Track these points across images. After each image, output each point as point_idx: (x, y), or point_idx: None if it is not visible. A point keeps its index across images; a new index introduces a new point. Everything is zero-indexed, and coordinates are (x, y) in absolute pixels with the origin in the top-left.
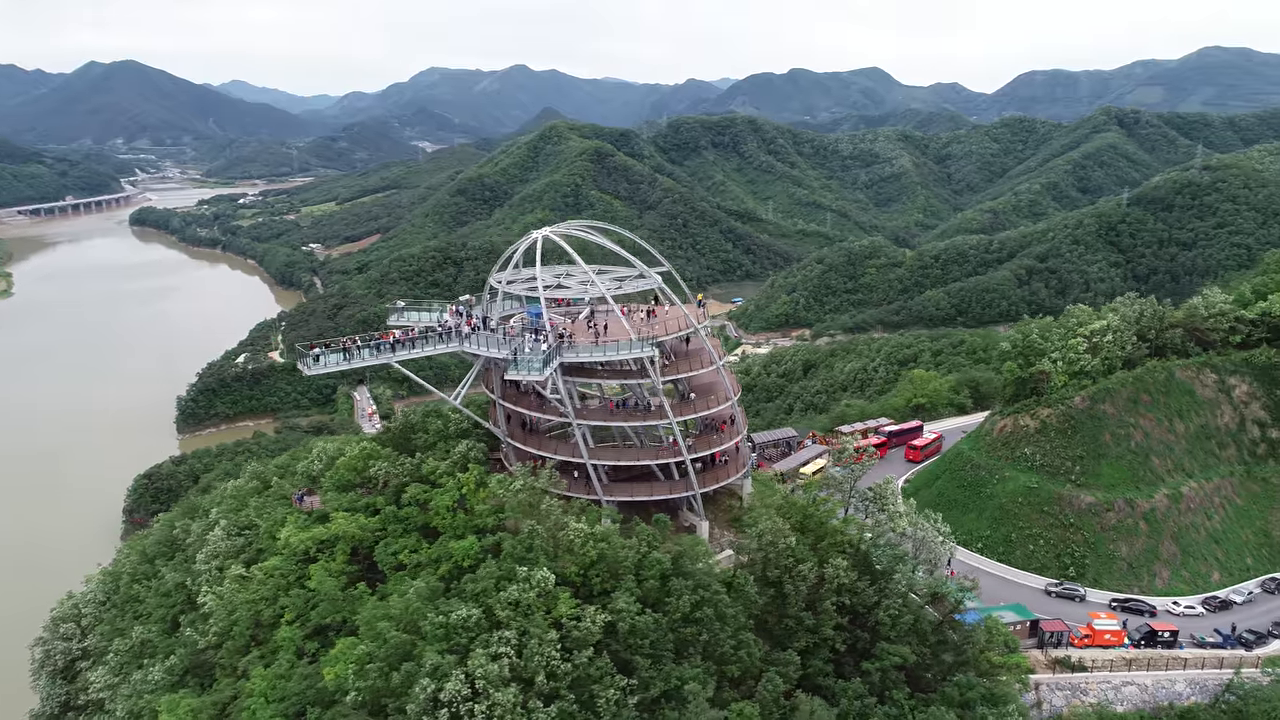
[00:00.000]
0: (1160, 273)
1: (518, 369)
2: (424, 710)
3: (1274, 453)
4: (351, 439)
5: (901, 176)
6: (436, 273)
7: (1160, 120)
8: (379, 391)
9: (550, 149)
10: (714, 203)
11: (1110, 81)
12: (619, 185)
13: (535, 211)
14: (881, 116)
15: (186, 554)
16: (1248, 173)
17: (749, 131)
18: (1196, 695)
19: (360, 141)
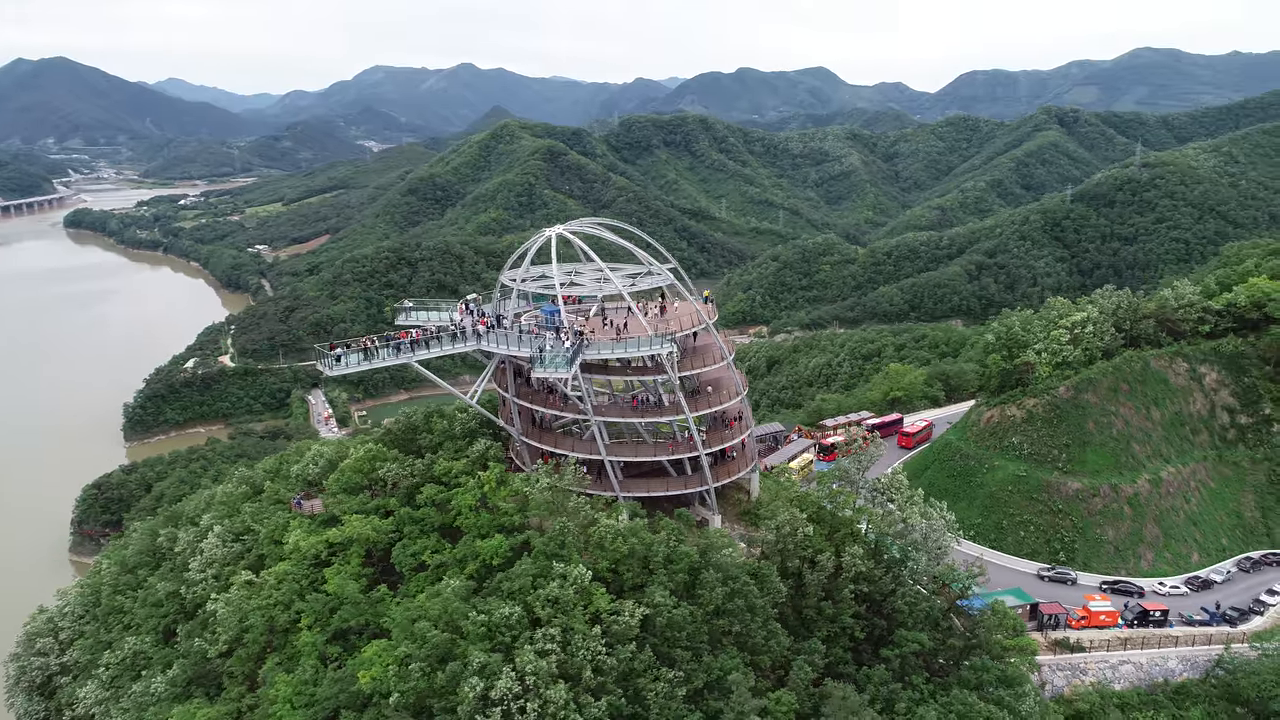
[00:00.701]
0: (1104, 267)
1: (544, 367)
2: (475, 709)
3: (1243, 437)
4: (353, 441)
5: (851, 174)
6: (391, 274)
7: (1098, 119)
8: (334, 395)
9: (502, 148)
10: (668, 201)
11: (1048, 81)
12: (572, 184)
13: (489, 211)
14: (829, 115)
15: (175, 563)
16: (1184, 170)
17: (700, 130)
18: (1188, 671)
19: (305, 141)
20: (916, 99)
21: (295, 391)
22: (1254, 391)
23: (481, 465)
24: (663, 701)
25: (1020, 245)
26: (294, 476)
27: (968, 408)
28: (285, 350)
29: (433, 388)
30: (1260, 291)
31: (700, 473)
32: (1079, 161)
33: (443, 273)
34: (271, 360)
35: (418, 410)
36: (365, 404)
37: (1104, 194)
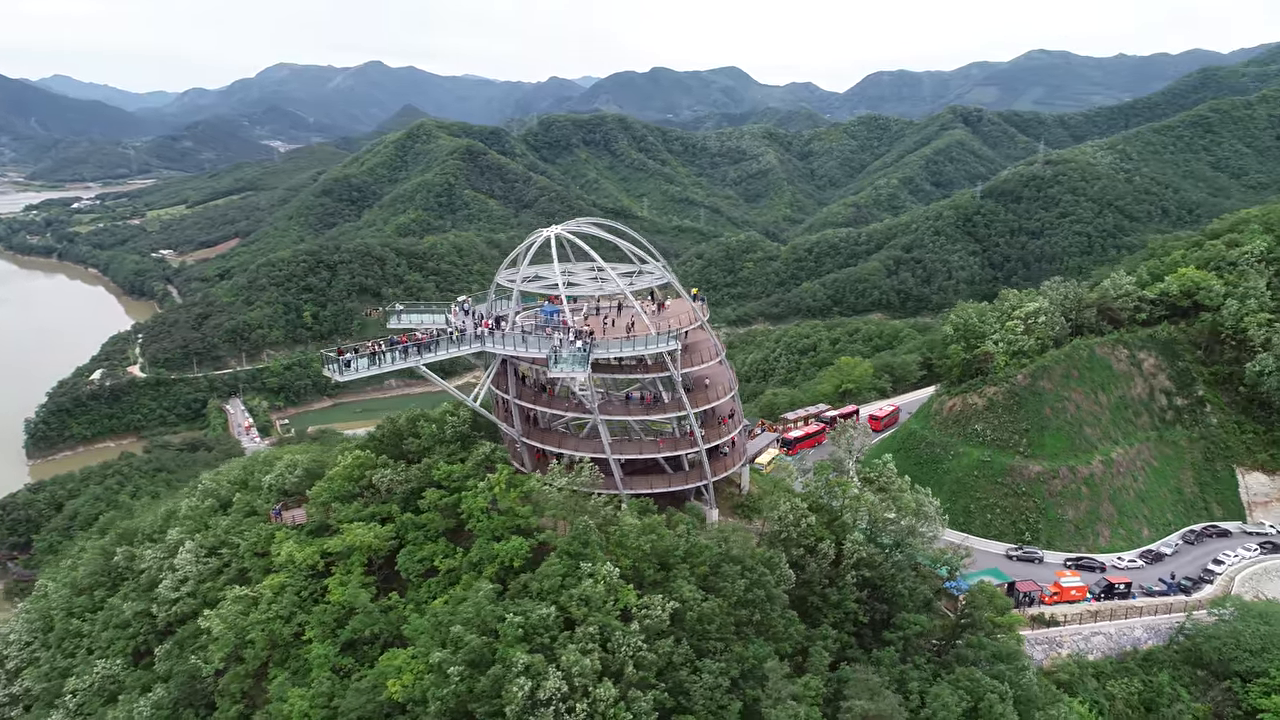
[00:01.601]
0: (1013, 260)
1: (559, 367)
2: (524, 710)
3: (1180, 418)
4: (333, 447)
5: (768, 173)
6: (309, 277)
7: (1000, 118)
8: (254, 403)
9: (419, 148)
10: (590, 201)
11: (950, 82)
12: (493, 184)
13: (408, 212)
14: (743, 115)
15: (139, 582)
16: (1083, 167)
17: (620, 130)
18: (1153, 639)
19: (206, 141)
20: (826, 98)
21: (212, 401)
22: (1188, 375)
23: (488, 468)
24: (707, 693)
25: (935, 240)
26: (267, 487)
27: (926, 395)
28: (199, 359)
29: (355, 394)
30: (1190, 281)
31: (698, 468)
32: (984, 159)
33: (364, 276)
34: (185, 369)
35: (401, 415)
36: (287, 412)
37: (1011, 190)
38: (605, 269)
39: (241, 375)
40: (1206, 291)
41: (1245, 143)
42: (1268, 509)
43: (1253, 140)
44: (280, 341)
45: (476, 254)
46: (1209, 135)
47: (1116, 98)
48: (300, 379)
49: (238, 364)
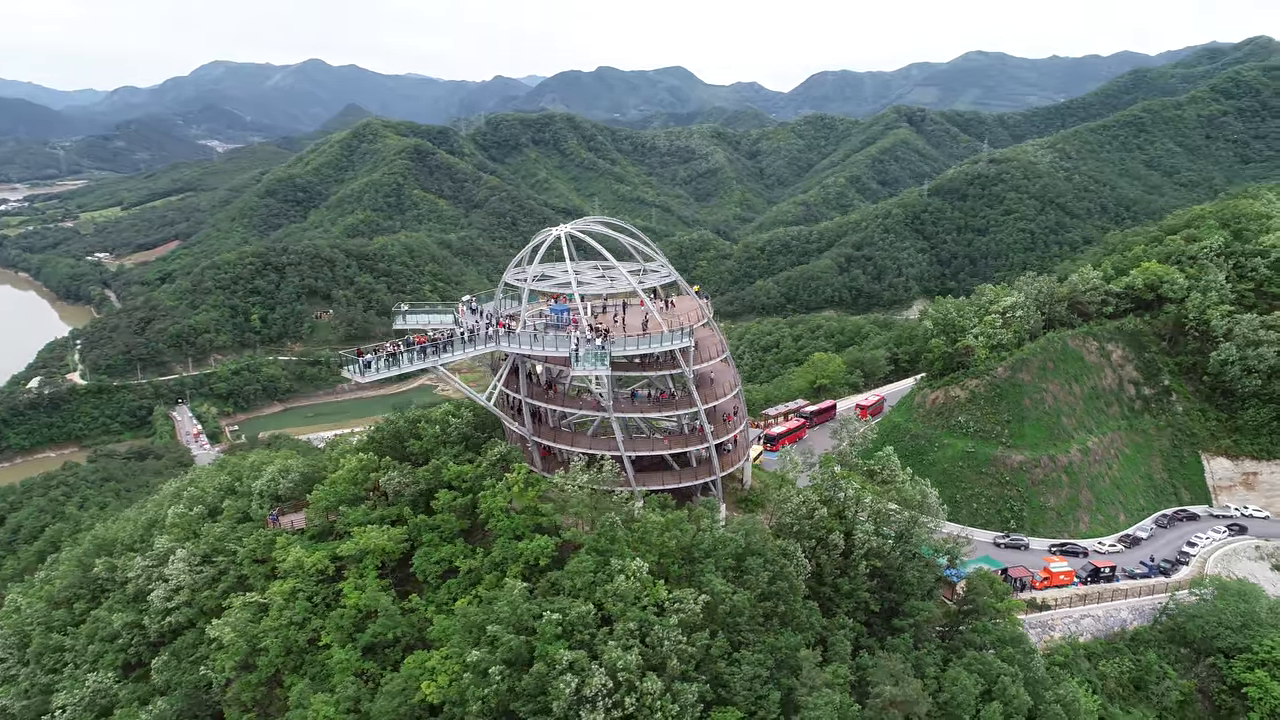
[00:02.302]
0: (960, 257)
1: (582, 365)
2: (570, 707)
3: (1148, 407)
4: (332, 452)
5: (717, 172)
6: (257, 279)
7: (943, 118)
8: (202, 410)
9: (366, 147)
10: (541, 200)
11: (891, 82)
12: (442, 184)
13: (356, 212)
14: (690, 115)
15: (125, 593)
16: (1025, 165)
17: (569, 129)
18: (1138, 620)
19: (140, 141)
20: (772, 98)
21: (158, 408)
22: (1154, 365)
23: (504, 467)
24: (746, 683)
25: (885, 238)
26: (258, 493)
27: (904, 386)
28: (144, 365)
29: (307, 398)
30: (1153, 275)
31: (705, 464)
32: (928, 158)
33: (313, 278)
34: (128, 376)
35: (399, 417)
36: (237, 418)
37: (957, 188)
38: (617, 267)
39: (188, 381)
40: (1170, 285)
41: (1176, 142)
42: (1231, 493)
43: (1183, 139)
44: (228, 346)
45: (428, 255)
46: (1142, 135)
47: (1051, 98)
48: (249, 384)
49: (184, 369)
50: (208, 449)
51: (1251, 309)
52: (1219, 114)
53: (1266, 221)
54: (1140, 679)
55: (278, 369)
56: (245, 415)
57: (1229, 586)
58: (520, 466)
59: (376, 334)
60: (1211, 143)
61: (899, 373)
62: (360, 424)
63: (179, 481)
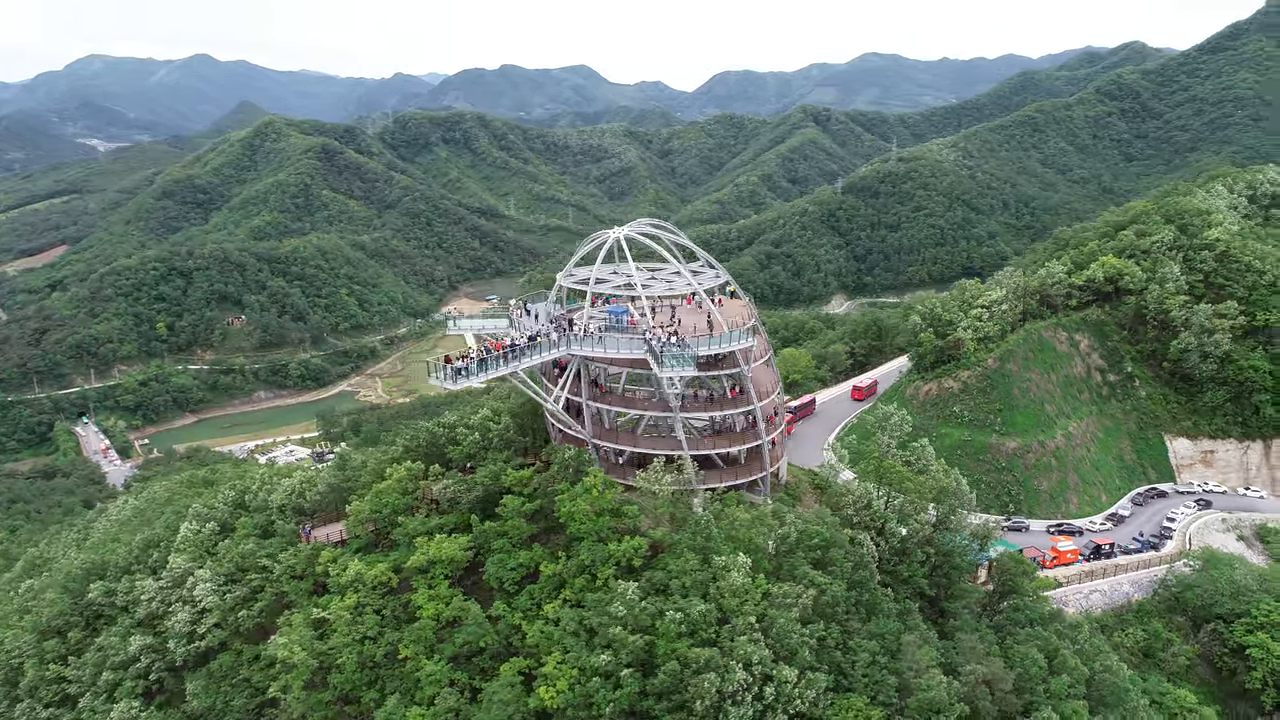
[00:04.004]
0: (875, 252)
1: (669, 367)
2: (714, 704)
3: (1114, 393)
4: (370, 461)
5: (630, 171)
6: (161, 285)
7: (847, 117)
8: (108, 424)
9: (269, 146)
10: (455, 200)
11: (792, 82)
12: (352, 184)
13: (262, 214)
14: (596, 113)
15: (136, 617)
16: (932, 164)
17: (479, 128)
18: (1139, 592)
19: (10, 139)
20: (676, 97)
21: (59, 424)
22: (1117, 353)
23: (577, 470)
24: (865, 670)
25: (803, 235)
26: (277, 508)
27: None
28: (41, 378)
29: (219, 408)
30: (1113, 268)
31: (753, 461)
32: (835, 157)
33: (223, 282)
34: (24, 390)
35: (436, 424)
36: (146, 431)
37: (869, 186)
38: (683, 269)
39: (91, 394)
40: (1130, 277)
41: (1068, 141)
42: (1192, 470)
43: (1073, 139)
44: (133, 356)
45: (342, 257)
46: (1037, 134)
47: (944, 98)
48: (159, 395)
49: (85, 382)
50: (118, 465)
51: (1201, 299)
52: (1104, 114)
53: (1207, 217)
54: (1148, 647)
55: (188, 379)
56: (155, 428)
57: (1219, 556)
58: (596, 470)
59: (293, 339)
60: (1099, 142)
61: (857, 367)
62: (284, 433)
63: (136, 499)
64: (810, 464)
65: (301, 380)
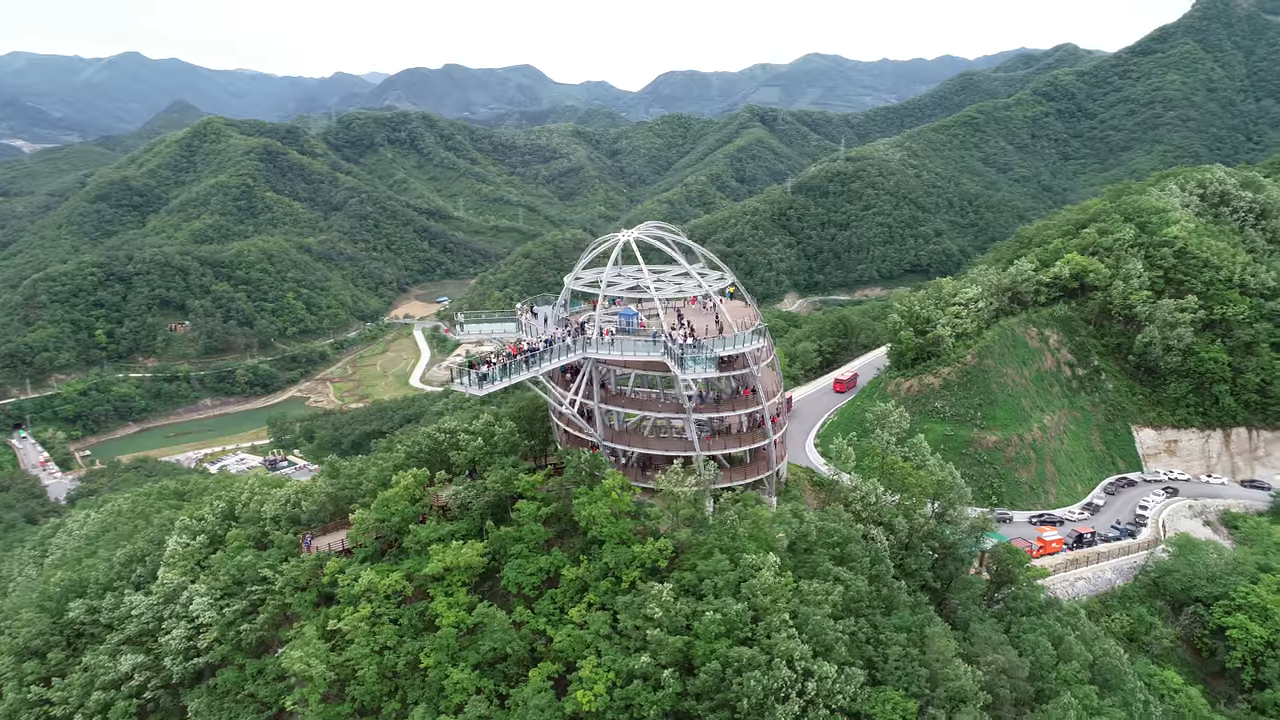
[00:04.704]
0: (825, 251)
1: (691, 368)
2: (758, 701)
3: (1083, 386)
4: (372, 467)
5: (580, 170)
6: (100, 291)
7: (793, 117)
8: (46, 435)
9: (208, 148)
10: (403, 201)
11: (737, 82)
12: (296, 186)
13: (202, 217)
14: (542, 113)
15: (125, 634)
16: (879, 163)
17: (425, 128)
18: (1121, 579)
19: None
20: (622, 97)
21: None
22: (1084, 348)
23: (591, 473)
24: (897, 663)
25: (754, 234)
26: (270, 518)
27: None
28: None
29: (164, 417)
30: (1078, 265)
31: (759, 461)
32: (782, 156)
33: (164, 288)
34: None
35: (436, 429)
36: (87, 442)
37: (819, 185)
38: (692, 271)
39: (27, 405)
40: (1095, 274)
41: (1007, 140)
42: (1157, 459)
43: (1013, 138)
44: (71, 365)
45: (289, 260)
46: (978, 134)
47: (884, 99)
48: (99, 405)
49: (21, 392)
50: (59, 478)
51: (1161, 294)
52: (1042, 115)
53: (1165, 215)
54: (1132, 631)
55: (131, 387)
56: (97, 439)
57: (1194, 542)
58: (614, 473)
59: (239, 345)
60: (1037, 141)
61: (826, 365)
62: (233, 441)
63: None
64: (795, 461)
65: (249, 387)
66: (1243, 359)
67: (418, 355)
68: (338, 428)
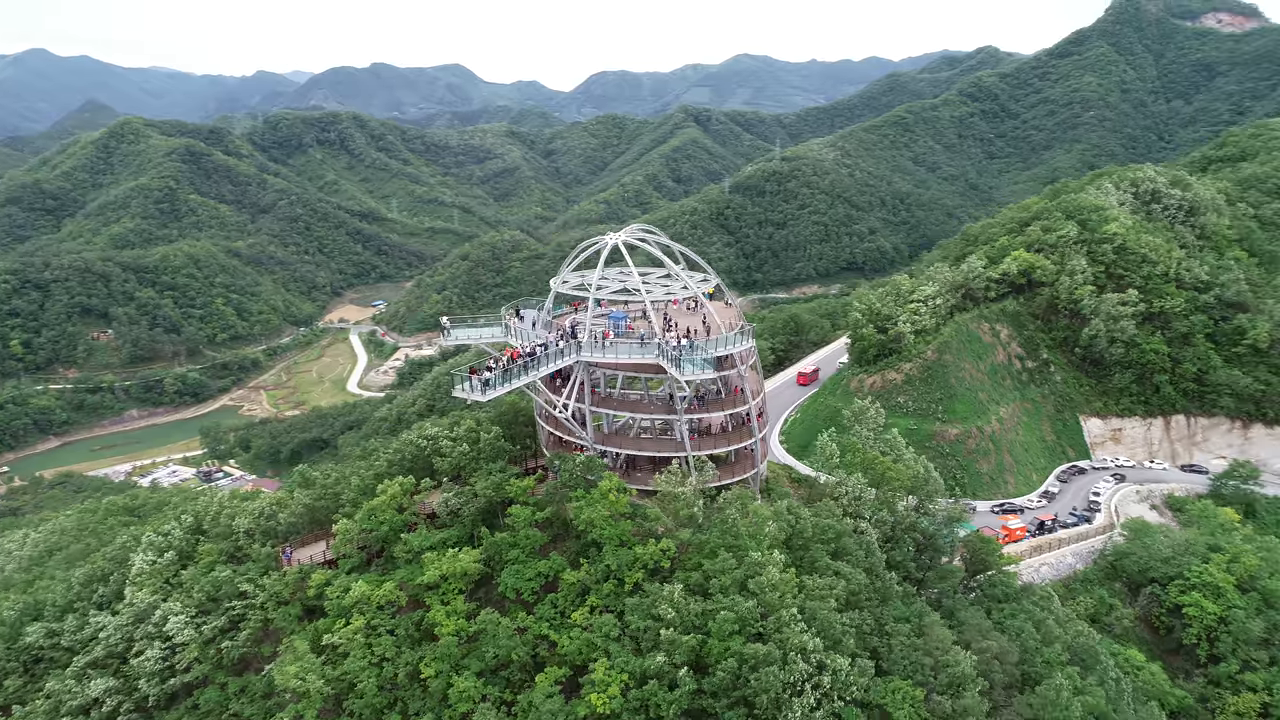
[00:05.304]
0: (764, 250)
1: (688, 369)
2: (779, 695)
3: (1033, 379)
4: (336, 478)
5: (515, 171)
6: (14, 300)
7: (727, 118)
8: None
9: (126, 149)
10: (334, 204)
11: (668, 82)
12: (222, 188)
13: (123, 221)
14: (474, 113)
15: (92, 656)
16: (813, 162)
17: (355, 128)
18: (1081, 563)
19: None
20: (554, 97)
21: None
22: (1033, 341)
23: (585, 477)
24: (903, 653)
25: (694, 234)
26: (244, 531)
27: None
28: None
29: (87, 430)
30: (1026, 262)
31: (744, 460)
32: (717, 156)
33: (85, 295)
34: None
35: (418, 435)
36: (5, 457)
37: (755, 185)
38: (680, 274)
39: None
40: (1042, 271)
41: (936, 140)
42: (1104, 447)
43: (940, 138)
44: None
45: (217, 265)
46: (907, 134)
47: (813, 99)
48: (16, 419)
49: None
50: None
51: (1103, 289)
52: (967, 115)
53: (1103, 212)
54: (1094, 613)
55: (51, 399)
56: (15, 454)
57: (1148, 527)
58: (611, 475)
59: (166, 353)
60: (964, 140)
61: (779, 363)
62: (163, 452)
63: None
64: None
65: (178, 396)
66: (1180, 349)
67: (355, 360)
68: (275, 436)
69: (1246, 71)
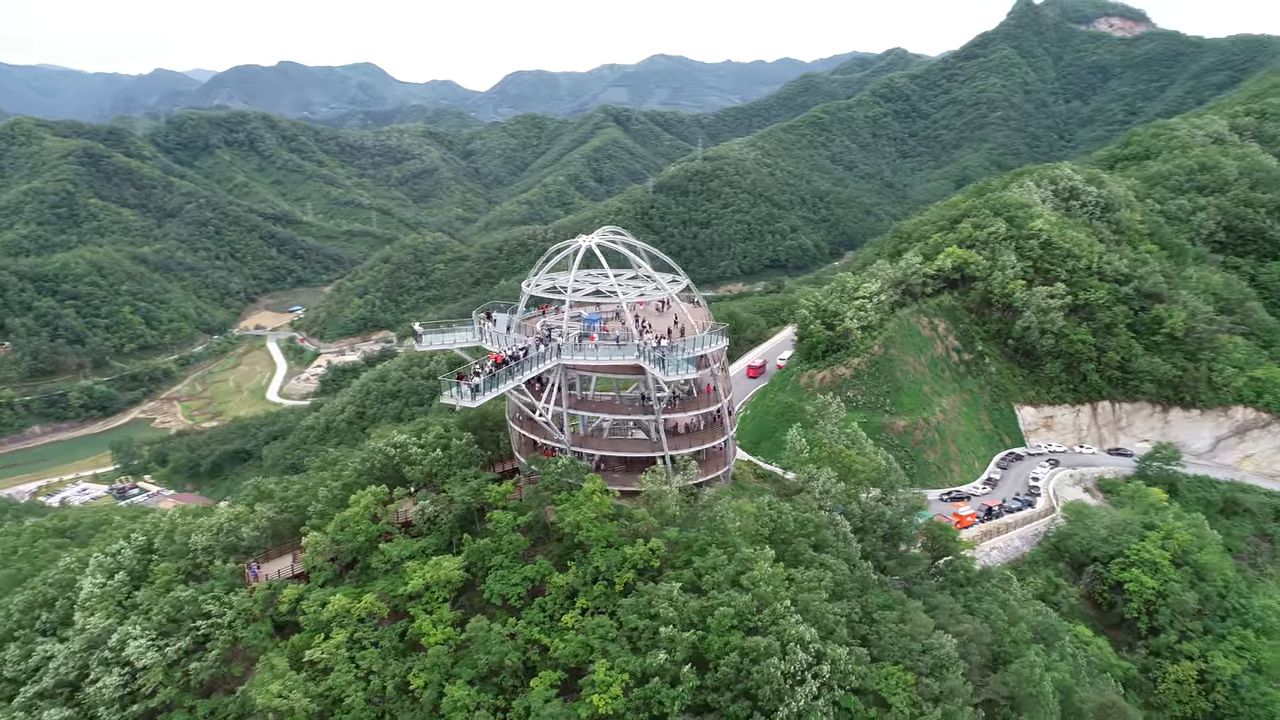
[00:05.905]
0: (689, 249)
1: (672, 369)
2: (780, 686)
3: (970, 370)
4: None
5: (434, 172)
6: None
7: (647, 118)
8: None
9: (17, 150)
10: (246, 206)
11: (585, 82)
12: (124, 191)
13: (16, 227)
14: (387, 113)
15: (40, 686)
16: (735, 162)
17: (265, 128)
18: (1027, 546)
19: None
20: (469, 96)
21: None
22: (969, 335)
23: (567, 480)
24: (893, 640)
25: None
26: (202, 548)
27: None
28: None
29: (30, 438)
30: (959, 258)
31: (715, 458)
32: (638, 156)
33: None
34: None
35: (386, 444)
36: None
37: (679, 184)
38: (653, 276)
39: None
40: (975, 266)
41: (851, 139)
42: (1038, 434)
43: (856, 137)
44: None
45: (122, 272)
46: (824, 134)
47: (729, 99)
48: None
49: None
50: None
51: (1032, 283)
52: (881, 115)
53: (1028, 209)
54: (1042, 593)
55: None
56: None
57: (1087, 509)
58: (594, 477)
59: (70, 365)
60: (878, 140)
61: None
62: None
63: None
64: None
65: (85, 410)
66: (1104, 339)
67: (274, 368)
68: (194, 449)
69: (1138, 74)
